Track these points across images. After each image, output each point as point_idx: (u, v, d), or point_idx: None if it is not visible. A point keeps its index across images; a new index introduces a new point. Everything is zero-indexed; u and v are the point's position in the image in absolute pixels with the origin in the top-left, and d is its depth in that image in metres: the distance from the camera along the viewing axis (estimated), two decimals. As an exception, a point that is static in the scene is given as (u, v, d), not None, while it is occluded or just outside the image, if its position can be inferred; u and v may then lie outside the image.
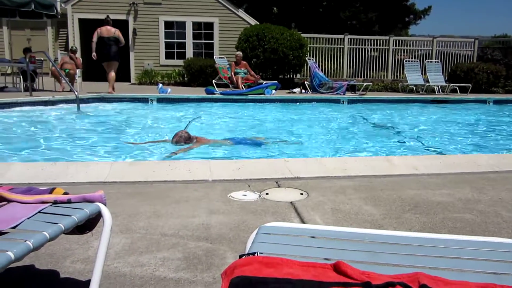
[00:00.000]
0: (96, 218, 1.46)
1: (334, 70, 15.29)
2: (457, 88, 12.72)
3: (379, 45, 15.78)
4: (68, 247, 1.99)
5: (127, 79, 15.07)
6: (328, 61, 15.33)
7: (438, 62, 14.22)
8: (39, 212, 1.37)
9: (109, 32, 9.55)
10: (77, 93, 8.13)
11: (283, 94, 11.30)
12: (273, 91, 10.90)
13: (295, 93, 11.86)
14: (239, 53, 12.22)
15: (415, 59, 14.78)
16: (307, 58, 13.58)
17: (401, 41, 16.15)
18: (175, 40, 15.66)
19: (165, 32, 15.53)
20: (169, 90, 10.66)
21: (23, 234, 1.20)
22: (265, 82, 11.72)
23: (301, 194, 2.87)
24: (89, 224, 1.48)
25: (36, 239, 1.16)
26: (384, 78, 15.58)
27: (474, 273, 0.96)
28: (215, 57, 13.26)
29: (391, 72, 15.83)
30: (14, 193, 1.47)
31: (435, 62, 14.15)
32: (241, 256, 0.98)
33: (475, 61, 15.41)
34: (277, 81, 12.02)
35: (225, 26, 15.56)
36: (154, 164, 3.90)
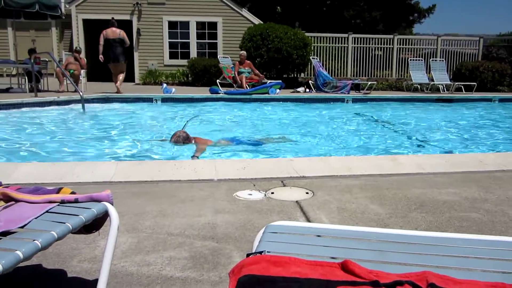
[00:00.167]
0: (103, 217, 1.47)
1: (338, 69, 15.26)
2: (462, 86, 12.66)
3: (384, 44, 15.72)
4: (75, 246, 2.00)
5: (132, 79, 15.11)
6: (332, 60, 15.30)
7: (442, 60, 14.16)
8: (47, 211, 1.37)
9: (114, 33, 9.64)
10: (81, 94, 8.17)
11: (287, 93, 11.29)
12: (278, 91, 10.89)
13: (299, 92, 11.85)
14: (243, 53, 12.22)
15: (419, 57, 14.73)
16: (311, 57, 13.55)
17: (406, 39, 16.09)
18: (179, 40, 15.70)
19: (169, 32, 15.56)
20: (174, 90, 10.69)
21: (31, 233, 1.21)
22: (269, 81, 11.71)
23: (307, 193, 2.87)
24: (96, 223, 1.49)
25: (44, 238, 1.16)
26: (388, 77, 15.54)
27: (482, 272, 0.96)
28: (219, 57, 13.26)
29: (395, 71, 15.77)
30: (21, 193, 1.48)
31: (440, 60, 14.09)
32: (248, 255, 0.98)
33: (480, 59, 15.33)
34: (281, 81, 12.01)
35: (229, 25, 15.58)
36: (159, 163, 3.91)
